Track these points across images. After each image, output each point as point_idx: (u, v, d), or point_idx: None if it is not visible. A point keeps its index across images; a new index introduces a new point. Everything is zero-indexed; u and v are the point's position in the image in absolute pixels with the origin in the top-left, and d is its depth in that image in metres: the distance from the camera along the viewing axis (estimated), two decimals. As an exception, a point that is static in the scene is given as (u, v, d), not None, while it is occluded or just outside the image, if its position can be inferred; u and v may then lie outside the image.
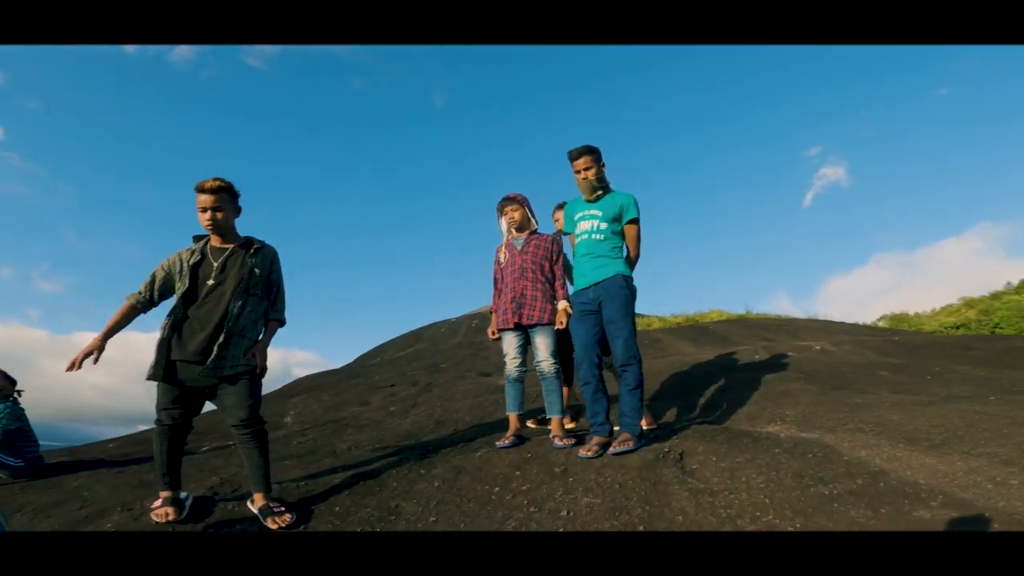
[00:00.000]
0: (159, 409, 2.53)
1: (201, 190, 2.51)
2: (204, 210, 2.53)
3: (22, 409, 3.68)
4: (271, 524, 2.42)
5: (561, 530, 2.21)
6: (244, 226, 2.76)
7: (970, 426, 2.67)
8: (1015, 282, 12.45)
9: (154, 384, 2.54)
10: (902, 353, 5.65)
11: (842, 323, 10.10)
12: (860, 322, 11.09)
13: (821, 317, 10.93)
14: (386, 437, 4.11)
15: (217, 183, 2.51)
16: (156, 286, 2.61)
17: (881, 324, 11.51)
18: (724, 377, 5.00)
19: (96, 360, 2.43)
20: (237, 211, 2.66)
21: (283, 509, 2.51)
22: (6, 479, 3.39)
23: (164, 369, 2.48)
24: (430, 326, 15.16)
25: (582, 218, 3.30)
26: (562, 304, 3.39)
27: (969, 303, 11.63)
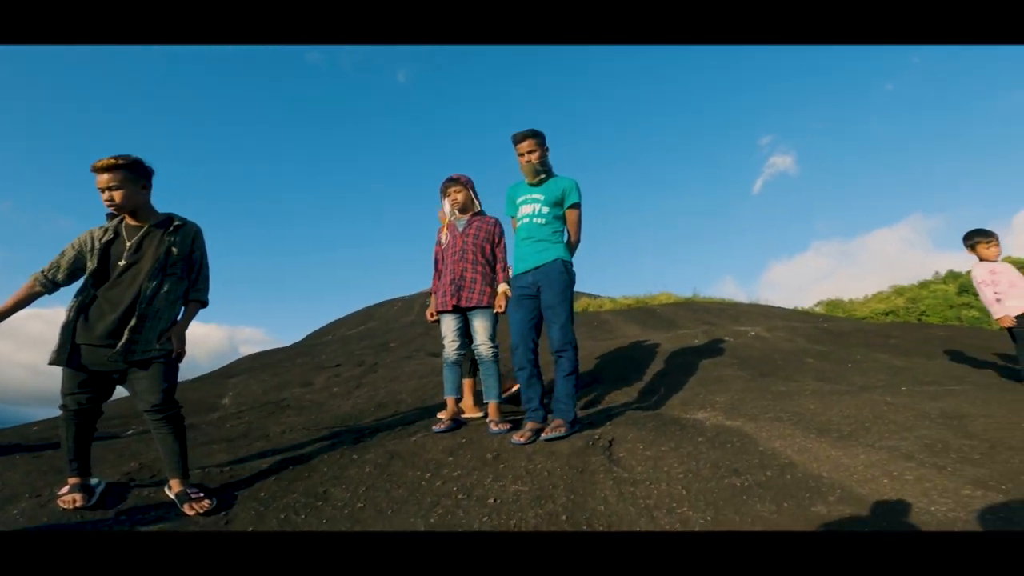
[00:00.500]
0: (64, 394, 2.40)
1: (94, 170, 2.36)
2: (101, 190, 2.38)
3: None
4: (188, 510, 2.34)
5: (486, 519, 2.23)
6: (198, 201, 2.62)
7: (878, 417, 2.82)
8: (943, 272, 13.26)
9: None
10: (829, 340, 5.94)
11: (780, 308, 10.53)
12: (799, 306, 11.60)
13: (762, 302, 11.36)
14: (324, 420, 4.04)
15: (110, 161, 2.35)
16: (64, 266, 2.44)
17: (818, 309, 12.07)
18: (664, 361, 5.13)
19: None
20: (144, 188, 2.49)
21: (202, 495, 2.43)
22: None
23: (68, 353, 2.35)
24: (384, 303, 14.98)
25: (524, 202, 3.29)
26: (502, 287, 3.39)
27: (899, 291, 12.33)
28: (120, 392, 2.61)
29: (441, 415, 3.51)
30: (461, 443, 3.06)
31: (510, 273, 3.40)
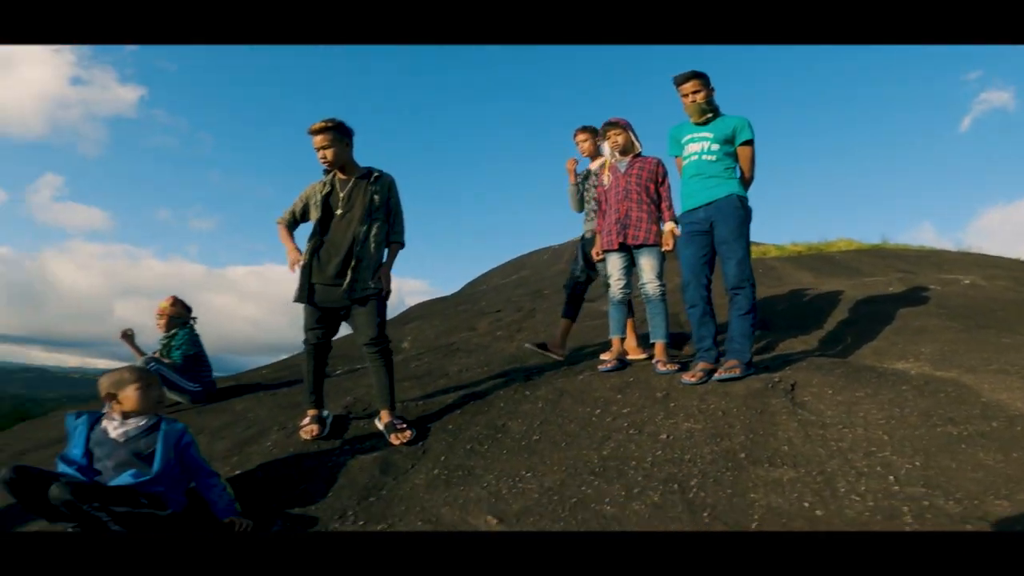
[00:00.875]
0: (306, 329, 2.87)
1: (310, 132, 2.75)
2: (316, 150, 2.76)
3: (198, 335, 3.94)
4: (394, 440, 2.67)
5: (659, 452, 2.26)
6: (374, 157, 2.89)
7: None
8: None
9: (299, 312, 2.86)
10: (1073, 289, 4.87)
11: (1001, 257, 8.79)
12: (1024, 256, 9.56)
13: (974, 250, 9.56)
14: (493, 360, 4.30)
15: (321, 124, 2.72)
16: (297, 211, 2.94)
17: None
18: (848, 309, 4.62)
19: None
20: (347, 146, 2.83)
21: (405, 426, 2.74)
22: (186, 404, 3.70)
23: (308, 292, 2.79)
24: (533, 253, 15.33)
25: (691, 140, 3.17)
26: (669, 225, 3.32)
27: None
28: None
29: (605, 356, 3.56)
30: (629, 382, 3.10)
31: (675, 212, 3.31)
